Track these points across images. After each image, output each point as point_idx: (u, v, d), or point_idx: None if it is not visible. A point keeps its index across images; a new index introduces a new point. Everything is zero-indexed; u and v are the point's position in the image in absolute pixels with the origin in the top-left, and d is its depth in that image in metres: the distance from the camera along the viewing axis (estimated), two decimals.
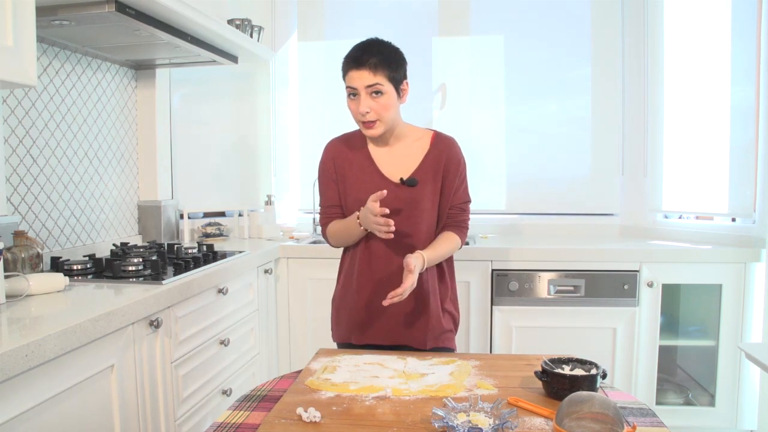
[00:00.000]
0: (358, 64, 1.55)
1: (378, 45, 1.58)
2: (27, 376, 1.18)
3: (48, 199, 2.13)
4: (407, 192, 1.63)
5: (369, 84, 1.54)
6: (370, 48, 1.57)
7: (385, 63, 1.55)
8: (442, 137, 1.70)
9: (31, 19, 1.47)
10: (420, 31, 3.17)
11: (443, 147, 1.67)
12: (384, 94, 1.56)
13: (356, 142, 1.73)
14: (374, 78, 1.54)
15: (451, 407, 1.07)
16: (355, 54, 1.57)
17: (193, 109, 3.03)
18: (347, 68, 1.59)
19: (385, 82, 1.55)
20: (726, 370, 2.49)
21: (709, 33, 2.68)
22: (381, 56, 1.55)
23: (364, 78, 1.55)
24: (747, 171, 2.53)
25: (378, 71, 1.54)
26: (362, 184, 1.65)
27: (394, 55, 1.59)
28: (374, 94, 1.55)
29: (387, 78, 1.55)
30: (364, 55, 1.55)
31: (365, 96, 1.56)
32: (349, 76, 1.58)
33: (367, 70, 1.54)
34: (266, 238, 2.96)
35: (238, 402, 1.21)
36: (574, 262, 2.53)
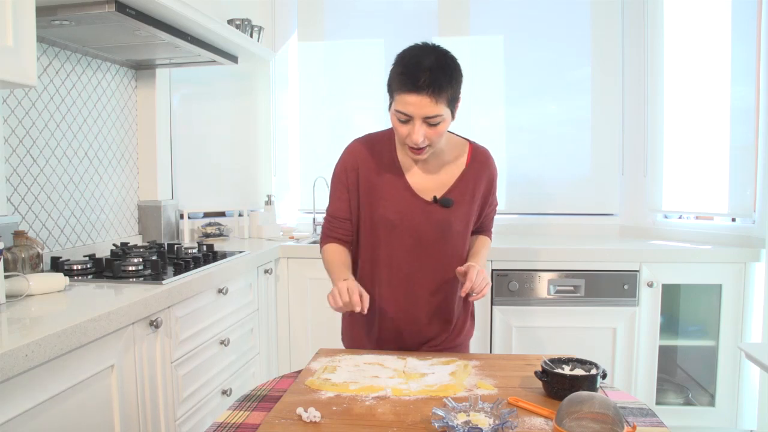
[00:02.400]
0: (416, 88, 1.29)
1: (438, 61, 1.32)
2: (27, 376, 1.18)
3: (48, 199, 2.13)
4: (440, 213, 1.49)
5: (428, 115, 1.32)
6: (431, 68, 1.30)
7: (448, 85, 1.32)
8: (479, 152, 1.55)
9: (31, 19, 1.47)
10: (420, 31, 3.16)
11: (481, 165, 1.54)
12: (442, 123, 1.35)
13: (383, 149, 1.52)
14: (435, 108, 1.31)
15: (451, 407, 1.06)
16: (414, 73, 1.30)
17: (193, 109, 3.03)
18: (401, 89, 1.32)
19: (443, 111, 1.33)
20: (726, 370, 2.49)
21: (709, 33, 2.68)
22: (443, 76, 1.31)
23: (423, 107, 1.31)
24: (747, 171, 2.53)
25: (440, 98, 1.31)
26: (391, 202, 1.48)
27: (456, 73, 1.36)
28: (431, 124, 1.35)
29: (447, 104, 1.33)
30: (424, 77, 1.29)
31: (421, 124, 1.33)
32: (404, 100, 1.32)
33: (428, 97, 1.29)
34: (266, 238, 2.96)
35: (238, 402, 1.21)
36: (574, 262, 2.53)
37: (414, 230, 1.50)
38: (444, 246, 1.52)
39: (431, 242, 1.51)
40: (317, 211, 3.23)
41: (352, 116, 3.29)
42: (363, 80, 3.23)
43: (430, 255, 1.52)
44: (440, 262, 1.53)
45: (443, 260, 1.53)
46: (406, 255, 1.52)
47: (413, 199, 1.49)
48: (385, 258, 1.53)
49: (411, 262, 1.52)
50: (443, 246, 1.52)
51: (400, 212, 1.49)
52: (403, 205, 1.49)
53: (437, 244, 1.51)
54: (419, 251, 1.51)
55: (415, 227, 1.49)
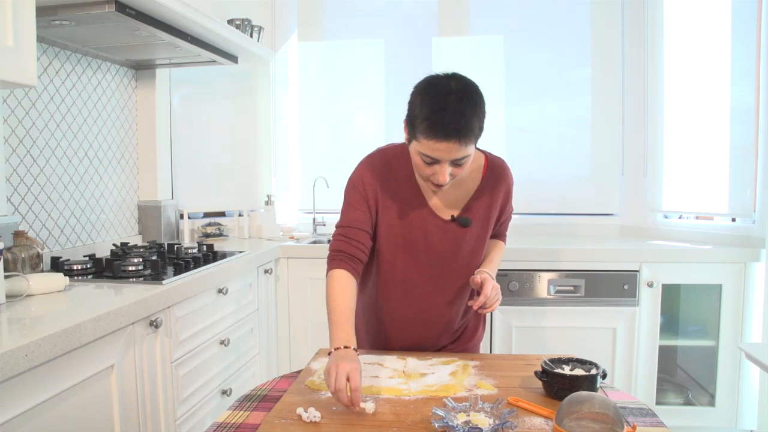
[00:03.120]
0: (445, 135, 1.23)
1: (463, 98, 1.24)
2: (27, 376, 1.18)
3: (48, 199, 2.13)
4: (458, 232, 1.46)
5: (456, 158, 1.27)
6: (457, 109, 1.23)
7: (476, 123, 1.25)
8: (496, 164, 1.51)
9: (31, 19, 1.47)
10: (420, 31, 3.17)
11: (498, 178, 1.50)
12: (468, 160, 1.30)
13: (399, 166, 1.46)
14: (464, 150, 1.25)
15: (451, 407, 1.07)
16: (441, 120, 1.23)
17: (193, 109, 3.03)
18: (428, 136, 1.24)
19: (471, 149, 1.28)
20: (726, 370, 2.49)
21: (709, 33, 2.68)
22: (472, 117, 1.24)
23: (452, 152, 1.25)
24: (747, 171, 2.53)
25: (469, 140, 1.25)
26: (407, 220, 1.44)
27: (481, 110, 1.27)
28: (458, 164, 1.30)
29: (474, 141, 1.28)
30: (452, 123, 1.22)
31: (447, 166, 1.28)
32: (431, 146, 1.25)
33: (456, 143, 1.23)
34: (266, 238, 2.96)
35: (238, 402, 1.21)
36: (574, 262, 2.53)
37: (431, 250, 1.47)
38: (459, 263, 1.50)
39: (447, 261, 1.48)
40: (317, 211, 3.23)
41: (352, 116, 3.29)
42: (363, 80, 3.23)
43: (446, 273, 1.50)
44: (455, 279, 1.51)
45: (458, 277, 1.51)
46: (421, 274, 1.49)
47: (430, 218, 1.45)
48: (401, 277, 1.49)
49: (427, 280, 1.49)
50: (459, 263, 1.50)
51: (416, 231, 1.45)
52: (419, 224, 1.45)
53: (453, 262, 1.49)
54: (435, 270, 1.49)
55: (432, 246, 1.46)
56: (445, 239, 1.46)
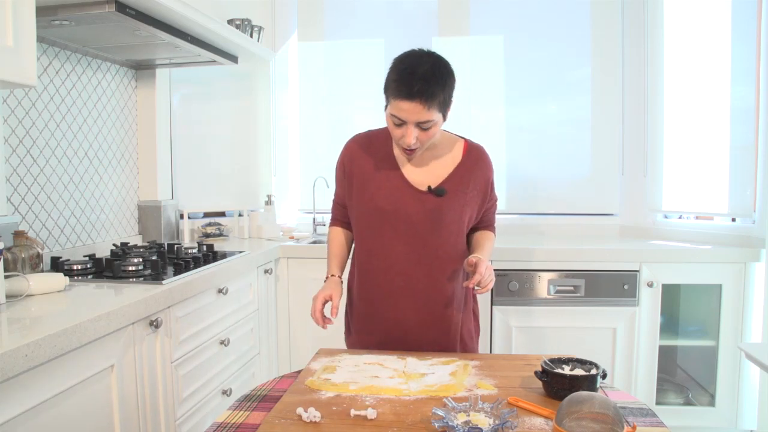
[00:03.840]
0: (409, 95, 1.36)
1: (432, 69, 1.38)
2: (27, 376, 1.18)
3: (48, 199, 2.13)
4: (434, 202, 1.52)
5: (420, 120, 1.39)
6: (424, 75, 1.36)
7: (440, 91, 1.38)
8: (474, 148, 1.61)
9: (31, 19, 1.47)
10: (420, 31, 3.17)
11: (476, 160, 1.58)
12: (434, 126, 1.42)
13: (380, 144, 1.60)
14: (427, 114, 1.38)
15: (451, 407, 1.07)
16: (408, 81, 1.36)
17: (193, 109, 3.03)
18: (396, 95, 1.38)
19: (435, 115, 1.40)
20: (726, 370, 2.49)
21: (709, 33, 2.68)
22: (436, 86, 1.37)
23: (416, 113, 1.38)
24: (747, 171, 2.53)
25: (432, 104, 1.37)
26: (385, 192, 1.54)
27: (448, 79, 1.41)
28: (424, 128, 1.41)
29: (439, 109, 1.40)
30: (417, 85, 1.35)
31: (413, 128, 1.41)
32: (398, 105, 1.39)
33: (420, 105, 1.36)
34: (266, 238, 2.96)
35: (238, 402, 1.21)
36: (574, 262, 2.53)
37: (408, 219, 1.53)
38: (439, 236, 1.55)
39: (426, 232, 1.54)
40: (317, 211, 3.23)
41: (352, 116, 3.29)
42: (363, 80, 3.23)
43: (428, 245, 1.55)
44: (436, 254, 1.55)
45: (439, 251, 1.56)
46: (401, 245, 1.55)
47: (407, 189, 1.54)
48: (380, 248, 1.57)
49: (407, 253, 1.55)
50: (438, 236, 1.55)
51: (394, 202, 1.53)
52: (397, 195, 1.53)
53: (433, 233, 1.54)
54: (414, 241, 1.54)
55: (409, 216, 1.53)
56: (423, 210, 1.53)
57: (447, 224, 1.54)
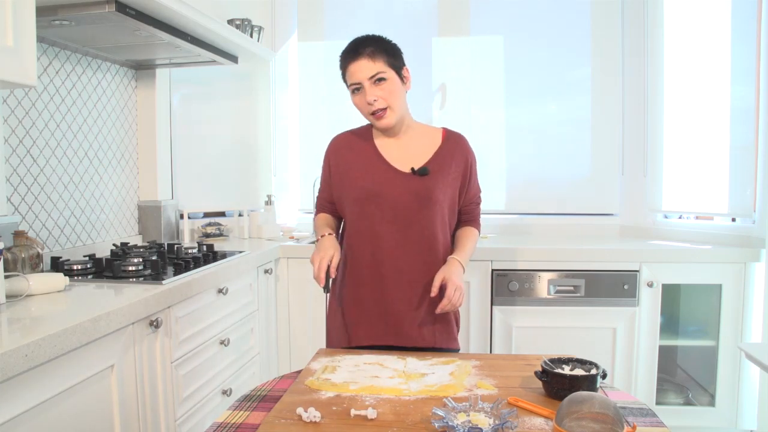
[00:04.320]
0: (355, 56, 1.55)
1: (370, 36, 1.59)
2: (27, 376, 1.18)
3: (48, 199, 2.13)
4: (418, 182, 1.59)
5: (371, 74, 1.54)
6: (363, 40, 1.57)
7: (382, 49, 1.55)
8: (453, 133, 1.70)
9: (31, 19, 1.47)
10: (420, 31, 3.17)
11: (456, 143, 1.67)
12: (388, 80, 1.55)
13: (363, 136, 1.71)
14: (374, 66, 1.54)
15: (451, 407, 1.07)
16: (350, 47, 1.58)
17: (193, 109, 3.03)
18: (345, 63, 1.58)
19: (386, 69, 1.55)
20: (726, 370, 2.49)
21: (709, 33, 2.68)
22: (376, 44, 1.55)
23: (364, 68, 1.54)
24: (747, 171, 2.53)
25: (376, 58, 1.54)
26: (369, 175, 1.62)
27: (388, 43, 1.59)
28: (378, 81, 1.55)
29: (387, 64, 1.55)
30: (359, 47, 1.55)
31: (370, 86, 1.55)
32: (349, 71, 1.57)
33: (365, 59, 1.54)
34: (266, 238, 2.96)
35: (238, 402, 1.21)
36: (574, 262, 2.53)
37: (393, 200, 1.58)
38: (425, 216, 1.59)
39: (412, 212, 1.58)
40: None
41: (352, 116, 3.27)
42: None
43: (412, 224, 1.59)
44: (422, 233, 1.60)
45: (425, 231, 1.60)
46: (388, 226, 1.59)
47: (390, 172, 1.61)
48: (367, 230, 1.61)
49: (394, 233, 1.59)
50: (424, 216, 1.59)
51: (378, 184, 1.59)
52: (381, 178, 1.60)
53: (417, 213, 1.59)
54: (401, 222, 1.59)
55: (395, 198, 1.58)
56: (407, 190, 1.58)
57: (432, 204, 1.59)
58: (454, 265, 1.57)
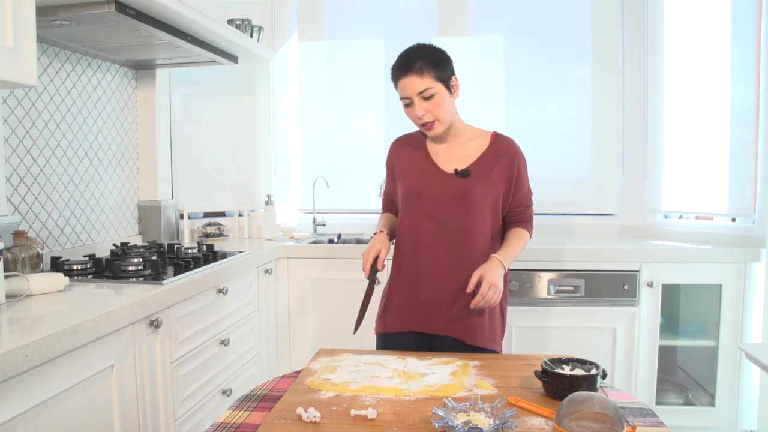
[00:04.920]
0: (404, 72, 1.59)
1: (419, 48, 1.62)
2: (27, 376, 1.18)
3: (48, 199, 2.13)
4: (460, 183, 1.65)
5: (419, 90, 1.58)
6: (412, 53, 1.60)
7: (430, 64, 1.58)
8: (501, 137, 1.74)
9: (31, 19, 1.47)
10: (420, 31, 3.16)
11: (502, 147, 1.71)
12: (436, 95, 1.59)
13: (416, 141, 1.78)
14: (422, 82, 1.57)
15: (451, 407, 1.07)
16: (400, 61, 1.61)
17: (193, 109, 3.03)
18: (395, 78, 1.62)
19: (434, 83, 1.58)
20: (726, 370, 2.49)
21: (709, 33, 2.68)
22: (424, 58, 1.58)
23: (412, 84, 1.58)
24: (747, 171, 2.53)
25: (425, 74, 1.57)
26: (416, 176, 1.70)
27: (437, 55, 1.62)
28: (426, 97, 1.59)
29: (435, 78, 1.58)
30: (408, 61, 1.58)
31: (419, 101, 1.59)
32: (399, 85, 1.62)
33: (414, 76, 1.57)
34: (266, 238, 2.96)
35: (238, 402, 1.21)
36: (574, 262, 2.53)
37: (435, 198, 1.66)
38: (464, 215, 1.64)
39: (452, 210, 1.64)
40: (317, 211, 3.23)
41: (352, 116, 3.29)
42: (363, 80, 3.23)
43: (451, 222, 1.65)
44: (461, 231, 1.65)
45: (464, 229, 1.65)
46: (429, 222, 1.66)
47: (435, 172, 1.69)
48: (411, 225, 1.70)
49: (435, 229, 1.66)
50: (464, 215, 1.64)
51: (423, 183, 1.68)
52: (427, 178, 1.68)
53: (457, 212, 1.64)
54: (442, 219, 1.65)
55: (437, 196, 1.65)
56: (448, 190, 1.65)
57: (471, 203, 1.64)
58: (493, 263, 1.59)
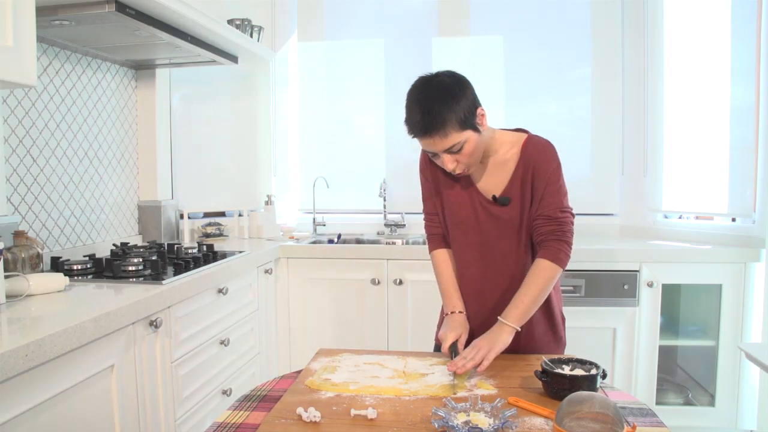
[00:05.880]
0: (423, 133, 1.35)
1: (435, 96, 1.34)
2: (27, 376, 1.18)
3: (48, 199, 2.13)
4: (497, 210, 1.50)
5: (445, 148, 1.36)
6: (428, 109, 1.33)
7: (452, 117, 1.33)
8: (533, 143, 1.52)
9: (31, 19, 1.47)
10: (420, 31, 3.17)
11: (531, 155, 1.50)
12: (465, 144, 1.37)
13: None
14: (448, 141, 1.35)
15: (451, 407, 1.07)
16: (414, 120, 1.36)
17: (193, 109, 3.03)
18: (412, 134, 1.38)
19: (460, 136, 1.35)
20: (726, 370, 2.49)
21: (709, 33, 2.68)
22: (444, 112, 1.33)
23: (436, 144, 1.36)
24: (747, 171, 2.53)
25: (448, 132, 1.34)
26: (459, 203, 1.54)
27: (454, 97, 1.35)
28: (454, 152, 1.38)
29: (460, 130, 1.35)
30: (423, 122, 1.33)
31: (446, 155, 1.39)
32: (421, 143, 1.40)
33: (436, 137, 1.34)
34: (266, 238, 2.96)
35: (238, 402, 1.21)
36: (574, 262, 2.49)
37: (479, 229, 1.53)
38: (507, 244, 1.52)
39: (492, 241, 1.52)
40: (317, 211, 3.23)
41: (352, 116, 3.29)
42: (363, 80, 3.23)
43: (493, 253, 1.53)
44: (503, 261, 1.53)
45: (507, 259, 1.52)
46: (471, 252, 1.55)
47: (478, 198, 1.52)
48: (457, 254, 1.58)
49: (477, 259, 1.54)
50: (506, 244, 1.52)
51: (468, 211, 1.52)
52: (471, 204, 1.52)
53: (499, 241, 1.52)
54: (483, 249, 1.53)
55: (480, 226, 1.52)
56: (489, 219, 1.51)
57: (515, 231, 1.51)
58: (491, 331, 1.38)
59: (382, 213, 3.19)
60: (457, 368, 1.28)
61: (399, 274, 2.66)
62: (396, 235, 3.14)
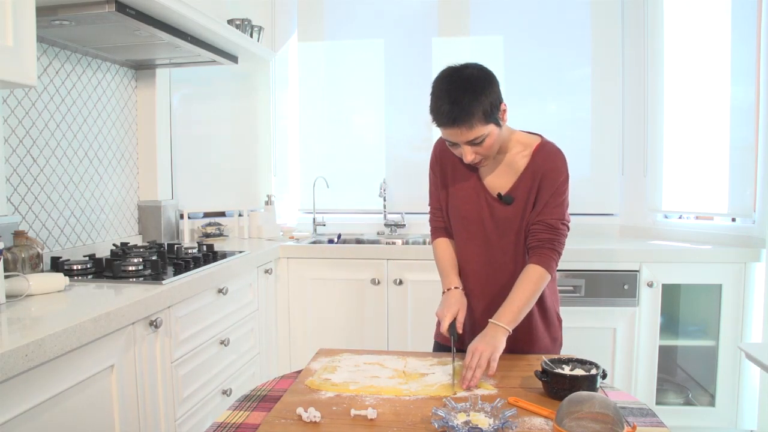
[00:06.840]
0: (450, 123, 1.35)
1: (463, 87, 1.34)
2: (27, 376, 1.18)
3: (48, 199, 2.13)
4: (502, 210, 1.51)
5: (469, 140, 1.37)
6: (456, 99, 1.33)
7: (478, 109, 1.33)
8: (546, 150, 1.53)
9: (31, 19, 1.47)
10: (420, 31, 3.17)
11: (542, 161, 1.51)
12: (487, 137, 1.38)
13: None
14: (472, 132, 1.35)
15: (451, 407, 1.07)
16: (441, 109, 1.35)
17: (193, 109, 3.03)
18: (437, 124, 1.39)
19: (485, 129, 1.36)
20: (726, 370, 2.49)
21: (709, 33, 2.68)
22: (471, 104, 1.33)
23: (460, 135, 1.36)
24: (747, 171, 2.53)
25: (474, 124, 1.34)
26: (465, 197, 1.55)
27: (482, 90, 1.35)
28: (476, 143, 1.38)
29: (485, 123, 1.35)
30: (451, 112, 1.33)
31: (467, 147, 1.39)
32: (444, 132, 1.40)
33: (460, 128, 1.35)
34: (266, 238, 2.96)
35: (238, 402, 1.21)
36: (574, 262, 2.53)
37: (482, 224, 1.54)
38: (508, 241, 1.53)
39: (494, 238, 1.53)
40: (317, 211, 3.23)
41: (352, 116, 3.29)
42: (363, 80, 3.23)
43: (494, 250, 1.54)
44: (504, 258, 1.54)
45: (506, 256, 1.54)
46: (473, 247, 1.56)
47: (484, 194, 1.53)
48: (459, 248, 1.60)
49: (479, 254, 1.56)
50: (507, 241, 1.53)
51: (472, 206, 1.54)
52: (476, 200, 1.54)
53: (501, 238, 1.53)
54: (485, 244, 1.55)
55: (483, 222, 1.53)
56: (492, 216, 1.52)
57: (515, 231, 1.52)
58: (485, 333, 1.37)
59: (382, 213, 3.19)
60: (470, 384, 1.26)
61: (399, 274, 2.66)
62: (396, 235, 3.14)
